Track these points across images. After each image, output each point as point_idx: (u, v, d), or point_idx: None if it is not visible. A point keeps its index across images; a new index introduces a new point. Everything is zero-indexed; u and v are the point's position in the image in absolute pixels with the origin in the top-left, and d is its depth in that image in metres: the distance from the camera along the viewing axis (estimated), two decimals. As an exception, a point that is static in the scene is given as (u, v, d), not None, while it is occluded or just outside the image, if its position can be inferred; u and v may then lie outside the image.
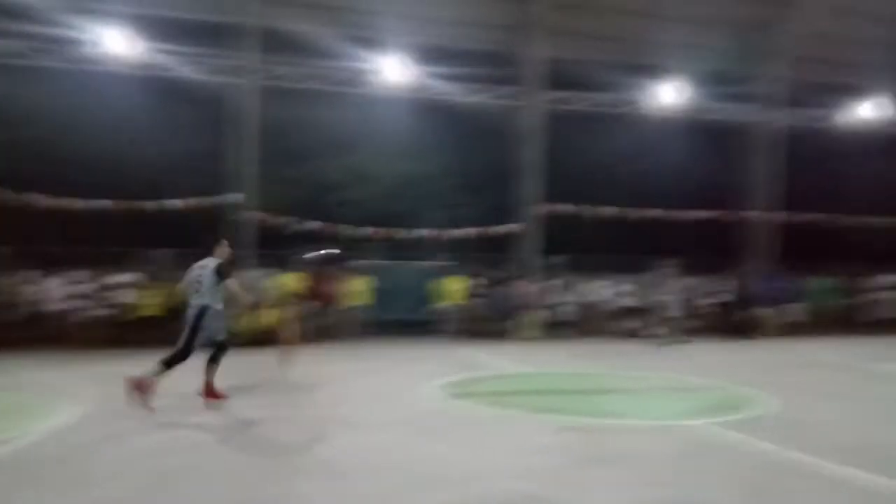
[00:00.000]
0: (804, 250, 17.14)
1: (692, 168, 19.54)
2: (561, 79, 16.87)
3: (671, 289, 14.68)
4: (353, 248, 15.59)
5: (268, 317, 13.56)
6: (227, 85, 15.20)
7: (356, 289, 14.25)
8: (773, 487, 4.57)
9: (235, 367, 7.79)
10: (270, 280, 13.97)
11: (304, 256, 12.34)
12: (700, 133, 18.93)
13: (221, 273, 7.14)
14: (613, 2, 16.02)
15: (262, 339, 13.30)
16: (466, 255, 16.83)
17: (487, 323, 15.56)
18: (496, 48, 16.80)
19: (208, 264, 7.21)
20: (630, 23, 16.44)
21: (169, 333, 7.71)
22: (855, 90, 18.46)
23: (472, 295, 15.30)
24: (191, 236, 14.85)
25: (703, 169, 19.42)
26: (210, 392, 7.13)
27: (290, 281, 14.16)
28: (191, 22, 15.21)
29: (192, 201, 14.70)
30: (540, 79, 16.44)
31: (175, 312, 13.09)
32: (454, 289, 15.11)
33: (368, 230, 15.90)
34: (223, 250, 7.43)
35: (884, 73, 18.23)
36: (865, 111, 18.49)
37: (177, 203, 14.68)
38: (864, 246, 19.27)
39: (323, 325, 13.31)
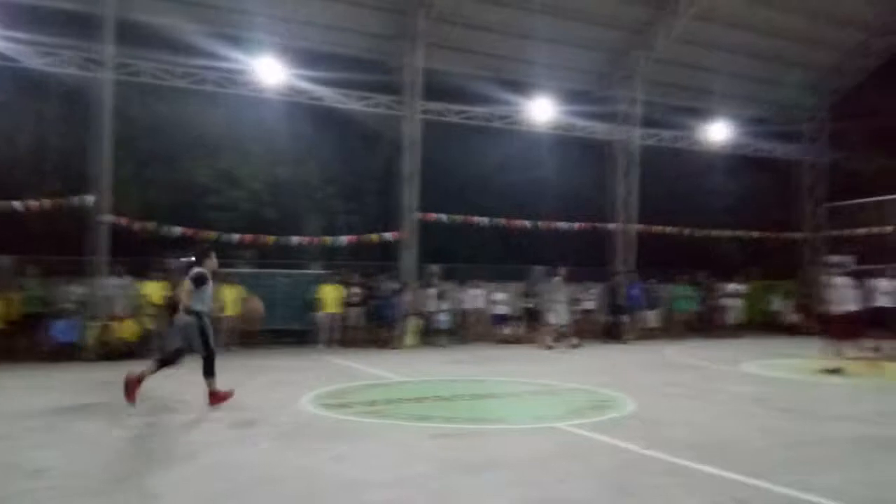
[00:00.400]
0: (662, 260, 18.41)
1: (563, 181, 20.45)
2: (440, 90, 17.10)
3: (558, 296, 15.18)
4: (225, 255, 14.92)
5: (122, 329, 12.68)
6: (83, 79, 14.08)
7: (227, 298, 13.60)
8: (636, 485, 4.75)
9: (83, 382, 7.13)
10: (128, 289, 13.08)
11: (171, 263, 11.67)
12: (571, 148, 19.88)
13: (198, 281, 7.64)
14: (490, 19, 16.47)
15: (116, 351, 12.42)
16: (343, 264, 16.60)
17: (365, 331, 15.39)
18: (375, 56, 16.78)
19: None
20: (506, 40, 17.01)
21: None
22: (705, 113, 20.11)
23: (349, 304, 15.06)
24: (34, 241, 13.63)
25: (574, 182, 20.38)
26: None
27: (152, 290, 13.30)
28: (43, 9, 13.99)
29: (35, 203, 13.41)
30: (418, 89, 16.53)
31: (16, 325, 12.05)
32: (331, 298, 14.80)
33: (235, 237, 15.18)
34: (211, 262, 7.93)
35: (728, 98, 20.06)
36: (714, 133, 20.14)
37: (16, 204, 13.34)
38: (714, 256, 21.01)
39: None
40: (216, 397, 7.57)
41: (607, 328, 16.97)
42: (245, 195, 18.78)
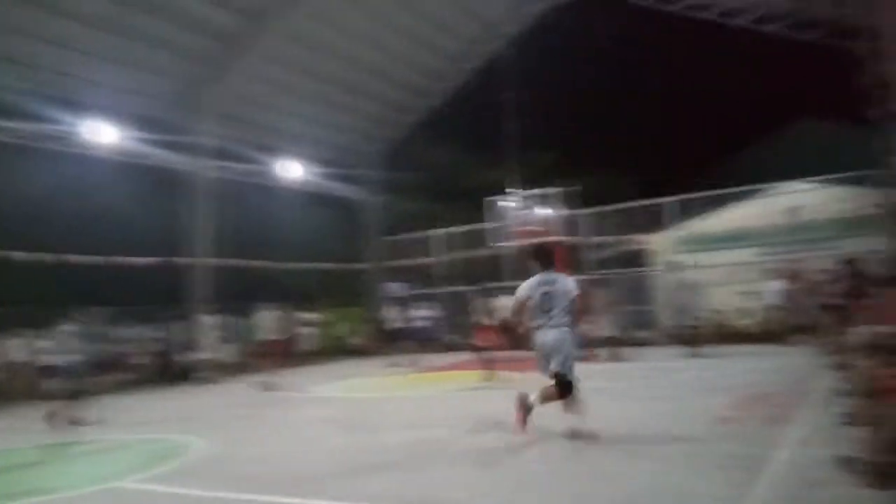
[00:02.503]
0: (238, 292, 18.27)
1: (137, 212, 18.85)
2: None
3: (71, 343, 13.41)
4: None
5: None
6: None
7: None
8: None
9: None
10: None
11: None
12: (143, 178, 18.46)
13: None
14: (50, 32, 14.34)
15: None
16: None
17: None
18: None
19: None
20: (64, 55, 15.05)
21: None
22: (277, 151, 20.96)
23: None
24: None
25: (146, 214, 18.95)
26: None
27: None
28: None
29: None
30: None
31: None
32: None
33: None
34: None
35: (297, 138, 21.33)
36: (286, 170, 21.10)
37: None
38: (292, 287, 21.85)
39: None
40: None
41: (174, 369, 16.00)
42: None
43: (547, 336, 6.53)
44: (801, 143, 24.03)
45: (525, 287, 6.80)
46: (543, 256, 6.99)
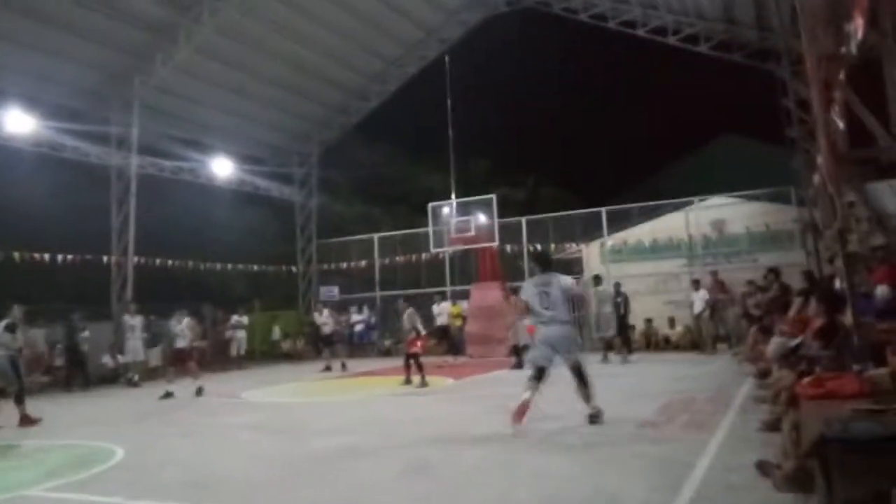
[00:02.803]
0: (163, 293, 17.62)
1: (55, 206, 17.99)
2: None
3: None
4: None
5: None
6: None
7: None
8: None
9: None
10: None
11: None
12: (63, 171, 17.63)
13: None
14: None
15: None
16: None
17: None
18: None
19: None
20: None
21: None
22: (208, 148, 20.36)
23: None
24: None
25: (66, 209, 18.11)
26: None
27: None
28: None
29: None
30: None
31: None
32: None
33: None
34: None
35: (229, 136, 20.79)
36: (216, 168, 20.51)
37: None
38: (221, 288, 21.26)
39: None
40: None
41: (86, 373, 15.20)
42: None
43: (550, 331, 7.22)
44: (725, 158, 25.11)
45: (525, 287, 7.64)
46: (542, 260, 7.92)
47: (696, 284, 15.78)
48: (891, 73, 6.15)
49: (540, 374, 7.09)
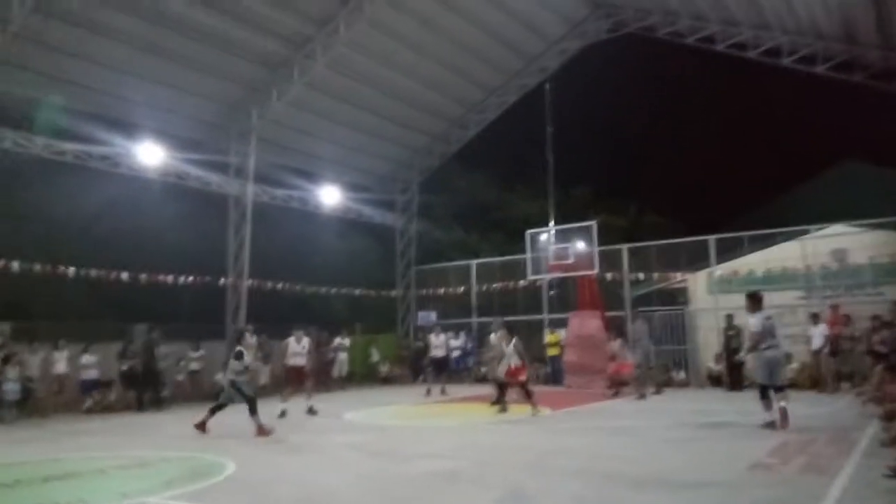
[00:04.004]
0: (271, 314, 18.41)
1: (177, 232, 19.29)
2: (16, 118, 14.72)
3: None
4: None
5: None
6: None
7: None
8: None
9: None
10: None
11: None
12: (186, 198, 18.91)
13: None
14: (90, 50, 14.88)
15: None
16: None
17: None
18: None
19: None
20: (109, 76, 15.62)
21: None
22: (316, 177, 21.28)
23: None
24: None
25: (188, 234, 19.38)
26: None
27: None
28: None
29: None
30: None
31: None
32: None
33: None
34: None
35: (335, 165, 21.67)
36: (323, 196, 21.40)
37: None
38: (323, 311, 22.00)
39: None
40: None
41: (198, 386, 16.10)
42: None
43: (773, 353, 9.42)
44: (845, 184, 23.55)
45: (755, 322, 9.62)
46: (756, 301, 9.78)
47: (815, 318, 14.78)
48: None
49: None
